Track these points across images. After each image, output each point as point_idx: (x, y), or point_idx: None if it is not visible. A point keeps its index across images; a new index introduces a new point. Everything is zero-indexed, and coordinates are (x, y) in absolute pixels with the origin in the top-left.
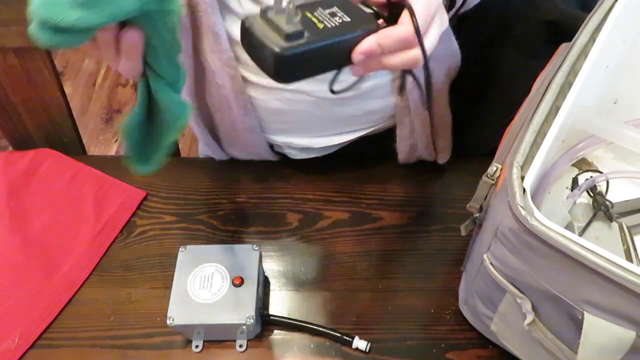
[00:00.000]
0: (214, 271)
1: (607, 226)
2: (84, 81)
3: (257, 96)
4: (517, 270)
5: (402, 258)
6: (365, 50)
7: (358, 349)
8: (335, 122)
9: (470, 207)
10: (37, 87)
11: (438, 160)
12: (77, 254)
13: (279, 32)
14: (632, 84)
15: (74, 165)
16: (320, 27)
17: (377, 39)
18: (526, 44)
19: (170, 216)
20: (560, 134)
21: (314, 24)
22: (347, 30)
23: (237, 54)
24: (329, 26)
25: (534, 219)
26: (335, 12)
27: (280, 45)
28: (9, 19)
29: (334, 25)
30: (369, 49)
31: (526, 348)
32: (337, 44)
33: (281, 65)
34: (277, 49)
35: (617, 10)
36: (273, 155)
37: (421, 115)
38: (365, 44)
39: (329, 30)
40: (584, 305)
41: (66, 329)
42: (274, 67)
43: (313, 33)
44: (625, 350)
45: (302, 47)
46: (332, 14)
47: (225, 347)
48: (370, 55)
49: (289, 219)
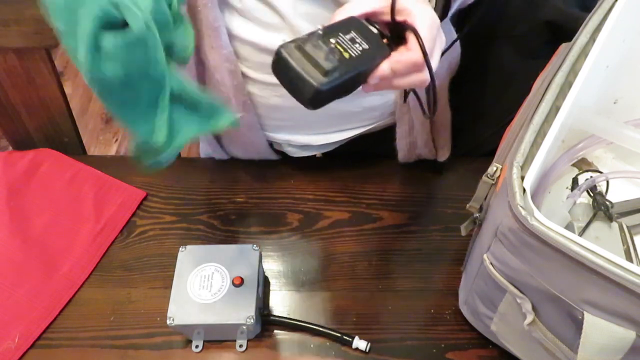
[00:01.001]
0: (214, 271)
1: (607, 226)
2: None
3: (256, 92)
4: (517, 270)
5: (402, 258)
6: (380, 76)
7: (358, 349)
8: (334, 119)
9: (470, 207)
10: (37, 87)
11: (438, 158)
12: (77, 254)
13: (318, 67)
14: (632, 84)
15: (74, 165)
16: (347, 58)
17: (390, 64)
18: (526, 44)
19: (170, 216)
20: (560, 134)
21: (341, 55)
22: (368, 58)
23: (237, 49)
24: (353, 56)
25: (534, 219)
26: (354, 38)
27: (320, 81)
28: (9, 19)
29: (357, 55)
30: (383, 74)
31: (526, 348)
32: (362, 72)
33: (318, 97)
34: (317, 85)
35: (617, 10)
36: (273, 153)
37: (421, 112)
38: (380, 71)
39: (354, 60)
40: (584, 305)
41: (66, 329)
42: (311, 99)
43: (343, 65)
44: (625, 350)
45: (337, 81)
46: (352, 40)
47: (225, 347)
48: (383, 79)
49: (289, 219)
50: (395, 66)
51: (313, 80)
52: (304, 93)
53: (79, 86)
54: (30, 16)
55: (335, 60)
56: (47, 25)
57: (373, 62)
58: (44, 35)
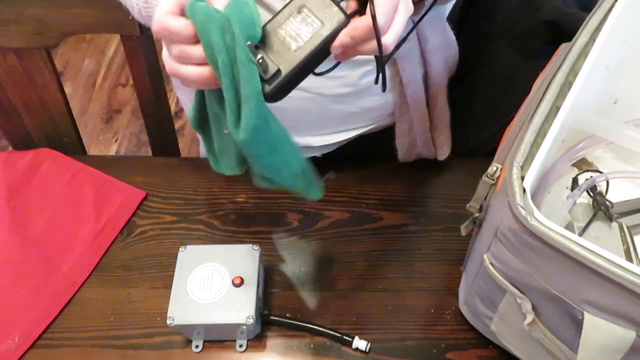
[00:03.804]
0: (214, 271)
1: (607, 226)
2: (84, 81)
3: None
4: (517, 270)
5: (402, 258)
6: (340, 45)
7: (358, 349)
8: (334, 119)
9: (470, 207)
10: (37, 87)
11: (438, 157)
12: (77, 254)
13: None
14: (632, 84)
15: (74, 165)
16: (293, 50)
17: (349, 32)
18: (526, 44)
19: (170, 216)
20: (560, 134)
21: (287, 49)
22: (319, 38)
23: None
24: (302, 43)
25: (534, 219)
26: (306, 17)
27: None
28: (9, 19)
29: (306, 40)
30: (343, 43)
31: (526, 348)
32: (313, 55)
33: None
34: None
35: (617, 10)
36: None
37: (420, 111)
38: (339, 40)
39: (302, 48)
40: (584, 305)
41: (66, 329)
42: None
43: (288, 61)
44: (625, 350)
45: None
46: (303, 20)
47: (225, 347)
48: (345, 47)
49: (289, 219)
50: (354, 33)
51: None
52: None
53: (79, 86)
54: (30, 16)
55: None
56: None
57: (327, 38)
58: (44, 35)
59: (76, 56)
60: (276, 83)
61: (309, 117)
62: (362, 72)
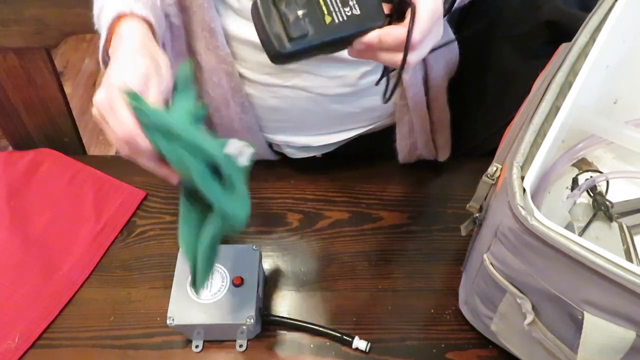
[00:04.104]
0: (214, 271)
1: (607, 226)
2: (84, 81)
3: (254, 94)
4: (517, 270)
5: (402, 258)
6: (366, 42)
7: (358, 349)
8: (334, 119)
9: (470, 207)
10: (37, 87)
11: (438, 158)
12: (77, 254)
13: (286, 31)
14: (632, 84)
15: (74, 165)
16: (327, 22)
17: (379, 34)
18: (526, 44)
19: (170, 216)
20: (560, 134)
21: (321, 18)
22: (352, 26)
23: (234, 50)
24: (336, 21)
25: (534, 219)
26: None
27: (283, 46)
28: (9, 19)
29: (341, 20)
30: (370, 42)
31: (526, 348)
32: (340, 39)
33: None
34: (279, 49)
35: (617, 10)
36: (272, 154)
37: (420, 112)
38: (368, 37)
39: (334, 26)
40: (584, 305)
41: (66, 329)
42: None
43: (317, 31)
44: (625, 350)
45: (305, 45)
46: (345, 3)
47: (225, 347)
48: (369, 47)
49: (289, 219)
50: (384, 38)
51: (276, 44)
52: (268, 51)
53: (79, 86)
54: (30, 16)
55: (308, 25)
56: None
57: (359, 29)
58: (44, 35)
59: (76, 56)
60: (298, 46)
61: (308, 117)
62: (362, 72)
